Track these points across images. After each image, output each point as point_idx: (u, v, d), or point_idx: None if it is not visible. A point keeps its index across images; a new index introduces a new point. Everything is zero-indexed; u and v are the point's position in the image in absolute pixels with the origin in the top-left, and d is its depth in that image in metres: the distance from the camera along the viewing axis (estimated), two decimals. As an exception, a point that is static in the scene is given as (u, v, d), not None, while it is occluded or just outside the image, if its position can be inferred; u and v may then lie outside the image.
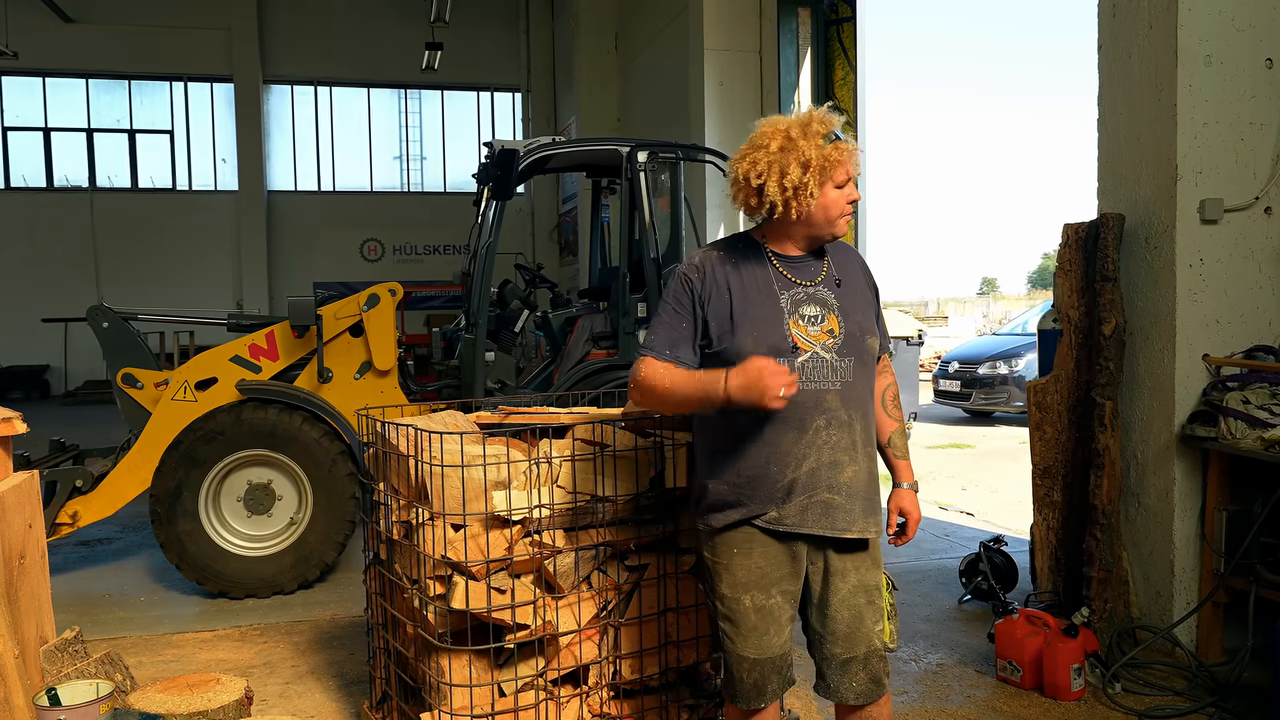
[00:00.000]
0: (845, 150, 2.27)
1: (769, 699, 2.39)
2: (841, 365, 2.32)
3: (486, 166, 6.10)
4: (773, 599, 2.35)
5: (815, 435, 2.29)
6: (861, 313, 2.39)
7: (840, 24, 8.60)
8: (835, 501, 2.30)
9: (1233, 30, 3.90)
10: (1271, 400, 3.75)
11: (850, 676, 2.37)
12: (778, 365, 2.15)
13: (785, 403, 2.15)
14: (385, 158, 18.77)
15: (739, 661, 2.38)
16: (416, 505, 2.88)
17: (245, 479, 5.19)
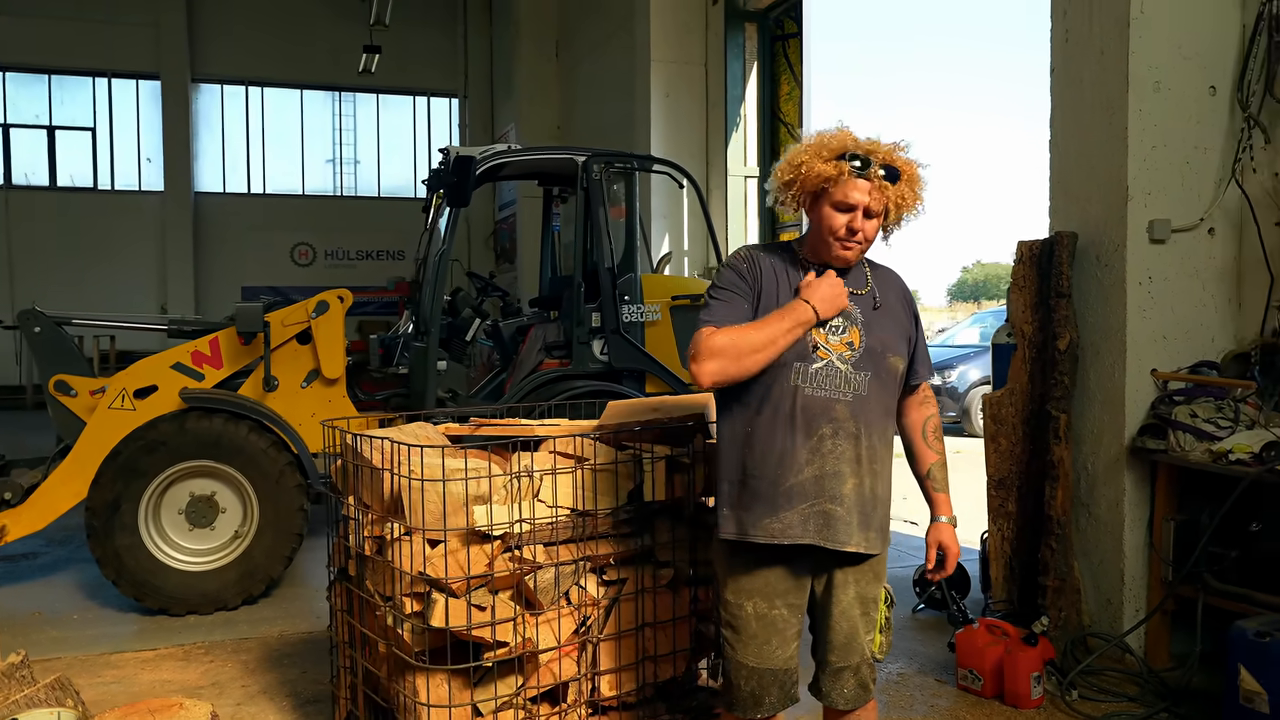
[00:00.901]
0: (848, 178, 2.26)
1: (766, 711, 2.40)
2: (856, 378, 2.33)
3: (439, 173, 6.02)
4: (776, 609, 2.37)
5: (820, 443, 2.30)
6: (889, 333, 2.40)
7: (786, 40, 8.70)
8: (836, 512, 2.31)
9: (1180, 58, 4.05)
10: (1218, 414, 3.88)
11: (841, 684, 2.43)
12: (833, 274, 2.32)
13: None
14: (318, 161, 18.39)
15: (738, 669, 2.40)
16: (390, 520, 2.81)
17: (188, 491, 5.00)
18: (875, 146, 2.30)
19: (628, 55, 9.78)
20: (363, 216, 18.14)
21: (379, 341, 6.44)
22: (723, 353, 2.27)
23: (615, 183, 5.96)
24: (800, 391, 2.31)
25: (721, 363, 2.27)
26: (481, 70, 17.57)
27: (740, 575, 2.39)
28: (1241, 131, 4.07)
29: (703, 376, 2.29)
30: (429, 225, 6.26)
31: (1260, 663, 3.20)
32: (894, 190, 2.29)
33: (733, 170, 8.96)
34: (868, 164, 2.26)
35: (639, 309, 5.78)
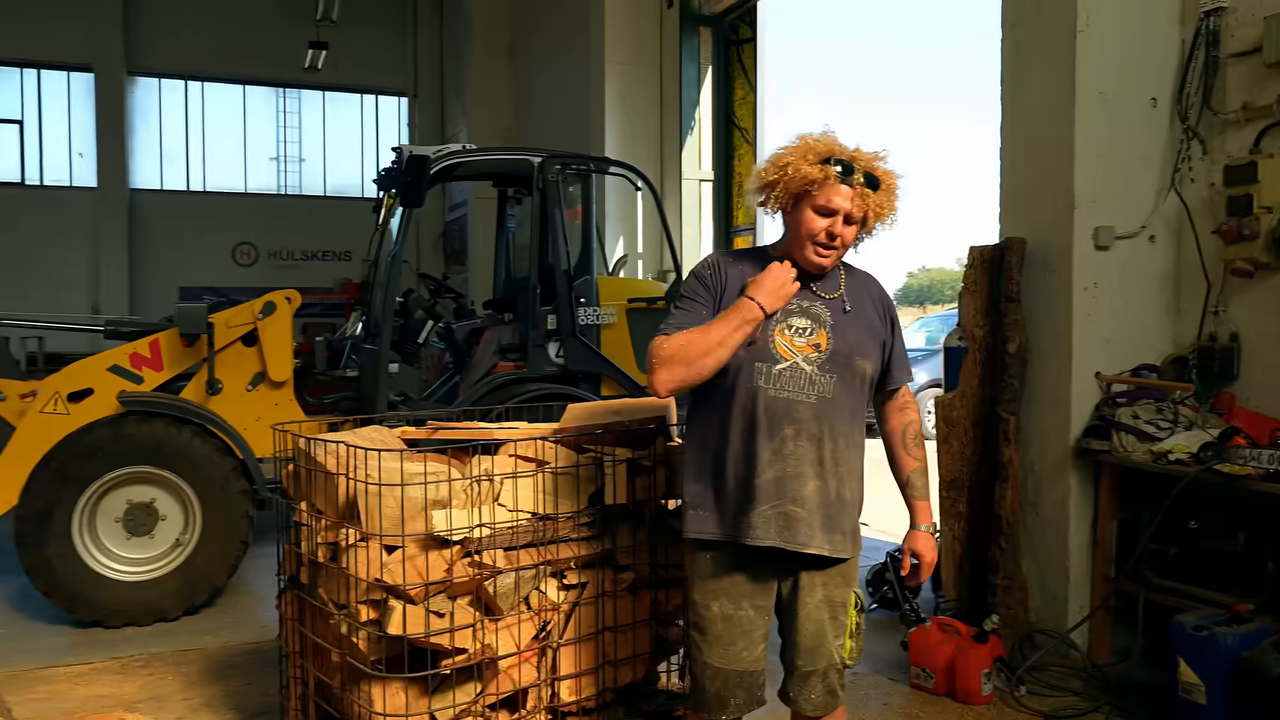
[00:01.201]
0: (832, 183, 2.28)
1: (731, 712, 2.41)
2: (821, 380, 2.34)
3: (391, 172, 5.94)
4: (743, 611, 2.38)
5: (782, 445, 2.31)
6: (858, 338, 2.40)
7: (741, 45, 8.75)
8: (797, 514, 2.32)
9: (1123, 70, 4.15)
10: (1159, 415, 3.99)
11: (809, 689, 2.42)
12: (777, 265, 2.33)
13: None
14: (261, 159, 17.99)
15: (703, 669, 2.40)
16: (345, 526, 2.76)
17: (125, 498, 4.85)
18: (858, 154, 2.33)
19: (582, 57, 9.75)
20: (308, 216, 17.78)
21: (325, 344, 6.33)
22: (673, 359, 2.29)
23: (571, 184, 5.93)
24: (763, 392, 2.32)
25: (674, 369, 2.29)
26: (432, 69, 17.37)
27: (707, 576, 2.40)
28: (1181, 142, 4.19)
29: (658, 385, 2.32)
30: (380, 225, 6.17)
31: (1199, 656, 3.30)
32: (873, 199, 2.32)
33: (687, 174, 8.98)
34: (851, 170, 2.29)
35: (595, 311, 5.76)
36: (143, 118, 17.28)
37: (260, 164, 18.06)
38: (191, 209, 17.32)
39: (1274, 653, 3.12)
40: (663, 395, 2.35)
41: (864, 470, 2.49)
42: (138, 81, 17.17)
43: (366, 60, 17.53)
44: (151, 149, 17.35)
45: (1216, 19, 4.03)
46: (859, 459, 2.44)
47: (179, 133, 17.47)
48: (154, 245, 16.92)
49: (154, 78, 17.26)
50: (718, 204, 9.13)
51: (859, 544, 2.45)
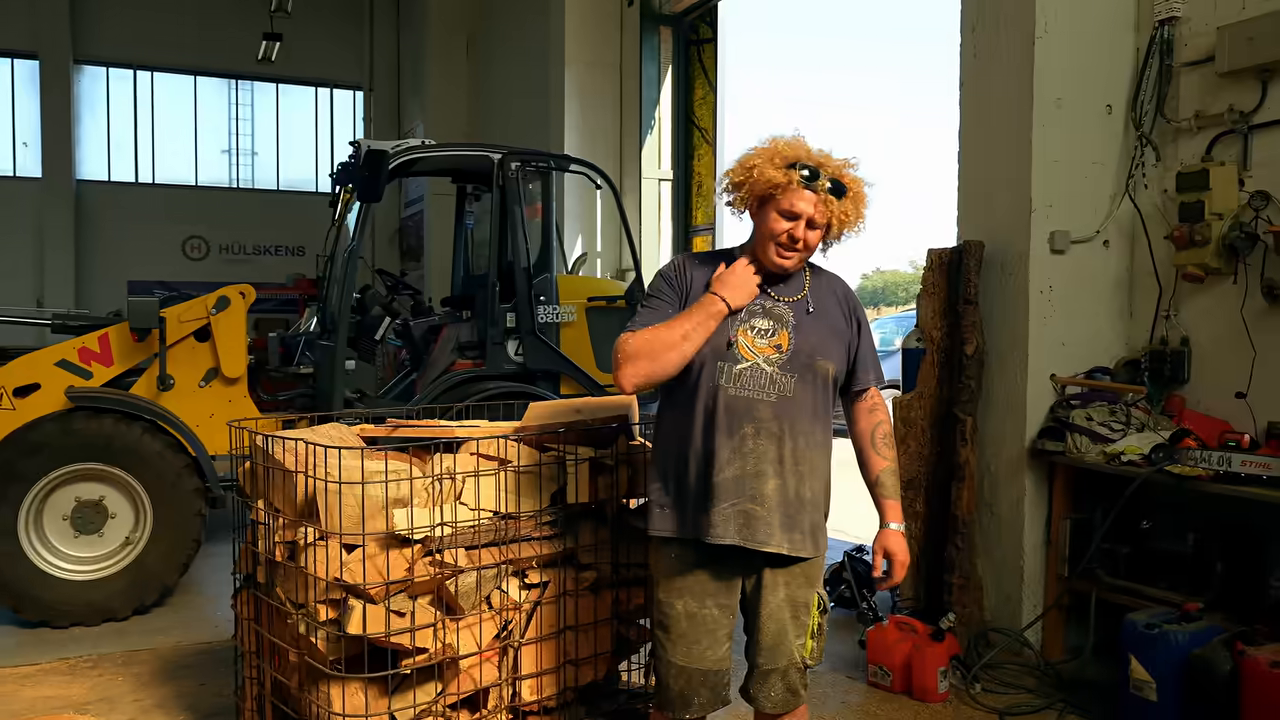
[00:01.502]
0: (796, 187, 2.28)
1: (695, 711, 2.41)
2: (782, 379, 2.35)
3: (348, 166, 5.87)
4: (706, 609, 2.38)
5: (742, 443, 2.32)
6: (821, 339, 2.41)
7: (701, 44, 8.77)
8: (756, 512, 2.32)
9: (1080, 77, 4.22)
10: (1111, 417, 4.07)
11: (769, 687, 2.43)
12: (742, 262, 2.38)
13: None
14: (213, 151, 17.66)
15: (667, 667, 2.41)
16: (304, 524, 2.71)
17: (73, 495, 4.74)
18: (826, 160, 2.33)
19: (542, 54, 9.71)
20: (260, 210, 17.49)
21: (279, 340, 6.23)
22: (638, 354, 2.31)
23: (531, 182, 5.90)
24: (723, 391, 2.33)
25: (638, 364, 2.31)
26: (388, 63, 17.18)
27: (671, 574, 2.41)
28: (1135, 149, 4.28)
29: (624, 381, 2.33)
30: (336, 220, 6.09)
31: (1150, 653, 3.36)
32: (838, 205, 2.32)
33: (646, 173, 8.98)
34: (816, 175, 2.29)
35: (555, 310, 5.74)
36: (90, 107, 16.88)
37: (212, 156, 17.72)
38: (140, 201, 16.96)
39: (1223, 650, 3.18)
40: (628, 391, 2.36)
41: (829, 470, 2.49)
42: (84, 70, 16.76)
43: (321, 53, 17.28)
44: (99, 139, 16.96)
45: (1170, 28, 4.12)
46: (822, 459, 2.44)
47: (127, 123, 17.09)
48: (101, 238, 16.54)
49: (102, 66, 16.87)
50: (677, 203, 9.14)
51: (823, 544, 2.45)
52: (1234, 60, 3.82)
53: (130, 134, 17.12)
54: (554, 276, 5.87)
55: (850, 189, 2.33)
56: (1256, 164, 3.85)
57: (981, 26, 4.41)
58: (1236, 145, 3.91)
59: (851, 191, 2.33)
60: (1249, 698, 3.08)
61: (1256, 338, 3.86)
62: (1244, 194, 3.86)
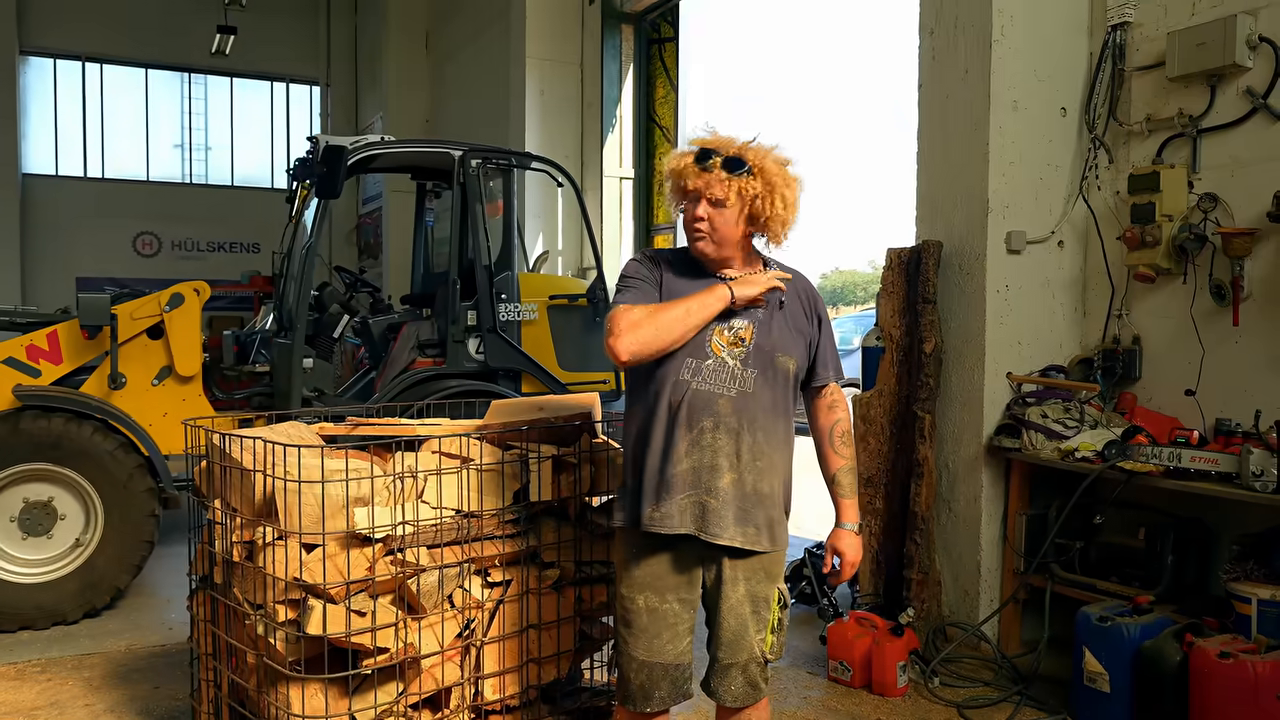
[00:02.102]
0: (689, 169, 2.36)
1: (655, 705, 2.43)
2: (743, 374, 2.38)
3: (305, 162, 5.79)
4: (667, 603, 2.41)
5: (700, 436, 2.35)
6: (783, 334, 2.44)
7: (663, 43, 8.78)
8: (710, 505, 2.35)
9: (1035, 80, 4.29)
10: (1065, 415, 4.14)
11: (729, 680, 2.45)
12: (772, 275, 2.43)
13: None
14: (165, 146, 17.32)
15: (629, 661, 2.43)
16: (262, 524, 2.67)
17: (21, 496, 4.62)
18: (724, 142, 2.37)
19: (502, 51, 9.65)
20: (214, 206, 17.19)
21: (233, 338, 6.14)
22: (641, 323, 2.32)
23: (492, 179, 5.86)
24: (686, 385, 2.36)
25: (639, 334, 2.31)
26: (345, 57, 16.96)
27: (633, 568, 2.43)
28: (1088, 151, 4.36)
29: (620, 350, 2.32)
30: (294, 217, 6.00)
31: (1102, 646, 3.43)
32: (742, 182, 2.33)
33: (608, 171, 8.96)
34: (707, 155, 2.34)
35: (516, 308, 5.71)
36: (36, 99, 16.48)
37: (164, 151, 17.39)
38: (89, 196, 16.58)
39: (1173, 642, 3.26)
40: (624, 360, 2.33)
41: (790, 466, 2.51)
42: (30, 61, 16.36)
43: (277, 47, 17.03)
44: (45, 133, 16.56)
45: (1123, 33, 4.20)
46: (782, 455, 2.45)
47: (75, 117, 16.71)
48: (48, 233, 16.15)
49: (49, 58, 16.48)
50: (638, 202, 9.14)
51: (782, 538, 2.46)
52: (1184, 65, 3.90)
53: (79, 127, 16.74)
54: (515, 274, 5.84)
55: (753, 163, 2.34)
56: (1205, 167, 3.95)
57: (939, 29, 4.47)
58: (1186, 148, 4.00)
59: (757, 166, 2.34)
60: (1197, 688, 3.15)
61: (1205, 336, 3.95)
62: (1193, 196, 3.95)
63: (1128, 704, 3.36)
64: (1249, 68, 3.77)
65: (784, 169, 2.39)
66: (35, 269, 16.00)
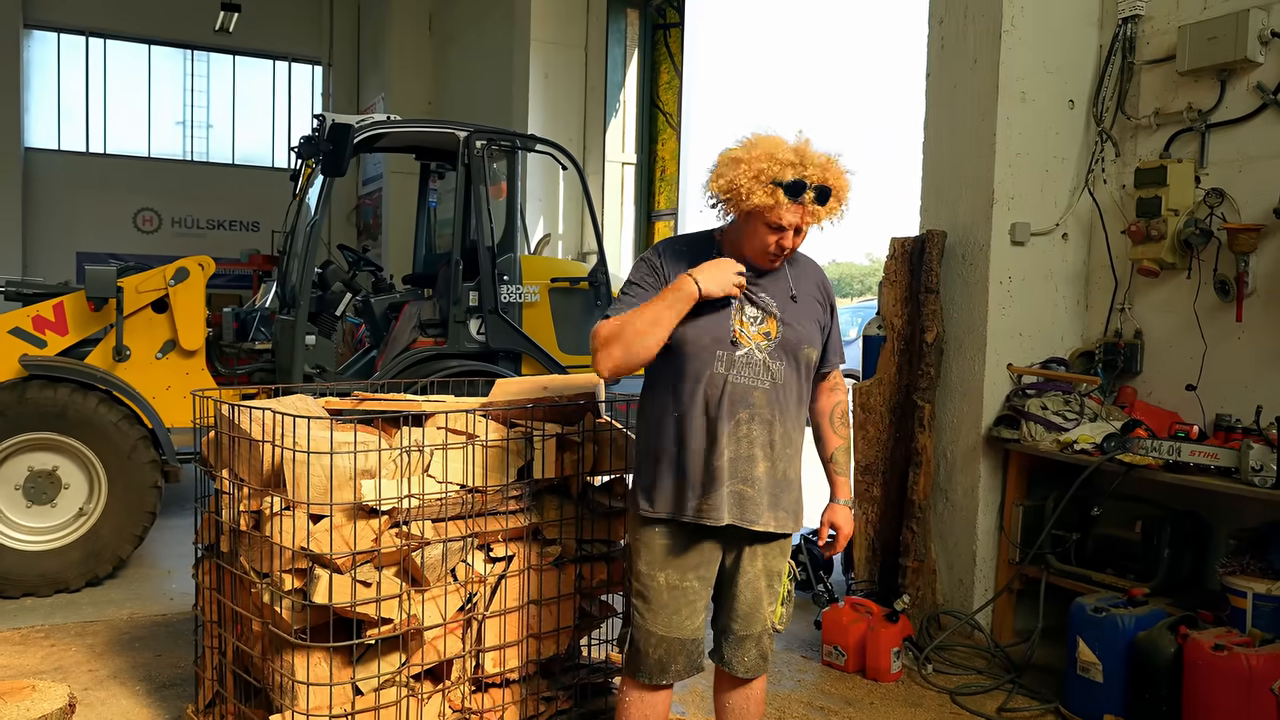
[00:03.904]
0: (782, 207, 2.30)
1: (671, 678, 2.48)
2: (774, 367, 2.43)
3: (310, 140, 5.79)
4: (688, 580, 2.46)
5: (738, 428, 2.39)
6: (803, 325, 2.48)
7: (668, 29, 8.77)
8: (748, 493, 2.40)
9: (1044, 71, 4.30)
10: (1065, 407, 4.17)
11: (744, 652, 2.53)
12: (730, 260, 2.39)
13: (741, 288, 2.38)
14: (167, 122, 17.27)
15: (647, 637, 2.46)
16: (270, 494, 2.69)
17: (26, 465, 4.65)
18: (808, 164, 2.30)
19: (506, 33, 9.63)
20: (215, 184, 17.17)
21: (233, 315, 6.15)
22: (611, 340, 2.35)
23: (496, 161, 5.87)
24: (725, 378, 2.39)
25: (612, 350, 2.34)
26: (348, 37, 16.91)
27: (655, 548, 2.46)
28: (1095, 144, 4.37)
29: (600, 368, 2.39)
30: (298, 194, 6.00)
31: (1097, 636, 3.46)
32: (827, 208, 2.36)
33: (610, 156, 8.97)
34: (801, 190, 2.30)
35: (518, 289, 5.72)
36: (40, 74, 16.43)
37: (165, 128, 17.35)
38: (91, 171, 16.56)
39: (1167, 634, 3.28)
40: (606, 378, 2.44)
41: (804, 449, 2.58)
42: (34, 35, 16.31)
43: (280, 25, 16.98)
44: (48, 107, 16.51)
45: (1133, 25, 4.21)
46: (801, 440, 2.55)
47: (79, 91, 16.65)
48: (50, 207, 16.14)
49: (53, 32, 16.43)
50: (640, 187, 9.14)
51: (800, 520, 2.54)
52: (1194, 59, 3.91)
53: (82, 102, 16.69)
54: (518, 256, 5.86)
55: (834, 189, 2.34)
56: (1213, 162, 3.96)
57: (949, 18, 4.47)
58: (1194, 143, 4.02)
59: (838, 189, 2.36)
60: (1191, 680, 3.18)
61: (1208, 332, 3.97)
62: (1200, 191, 3.97)
63: (1121, 694, 3.39)
64: (1260, 63, 3.78)
65: (847, 182, 2.38)
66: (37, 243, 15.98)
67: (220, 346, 5.83)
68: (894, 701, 3.68)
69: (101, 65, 16.84)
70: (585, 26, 9.07)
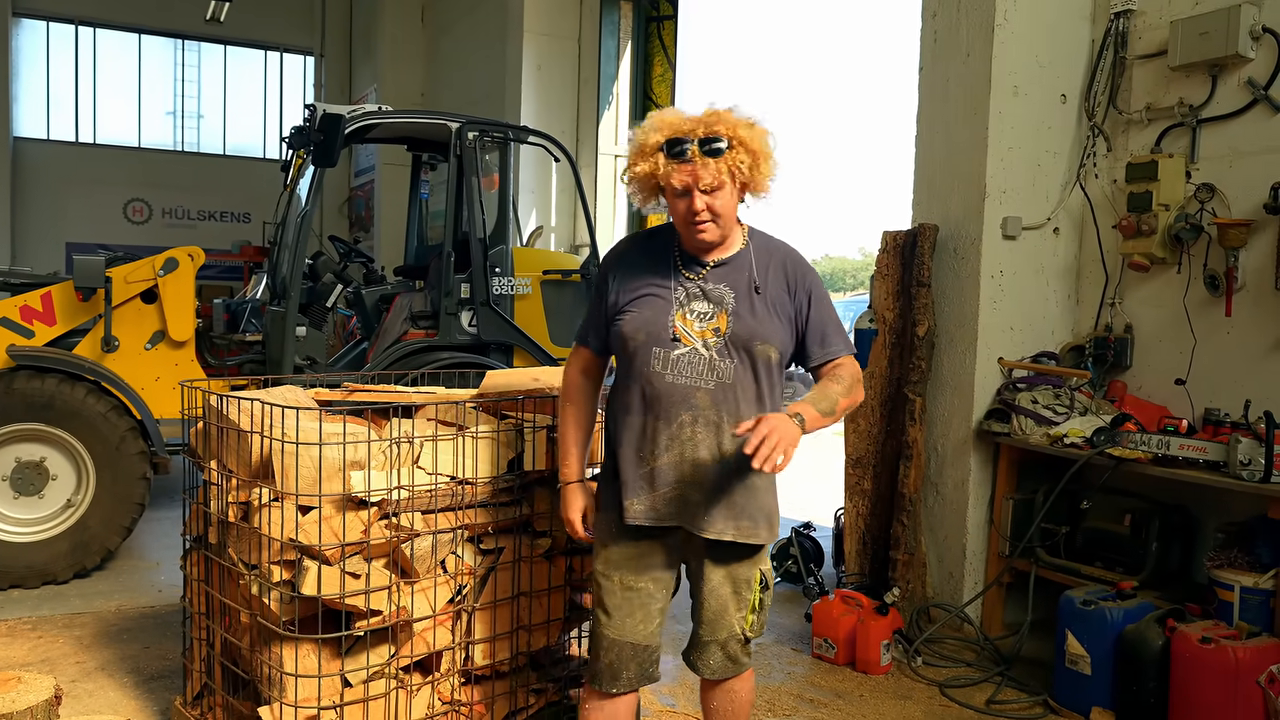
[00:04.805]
0: (670, 168, 2.20)
1: (622, 686, 2.38)
2: (721, 365, 2.28)
3: (301, 130, 5.76)
4: (643, 583, 2.38)
5: (679, 430, 2.28)
6: (759, 319, 2.30)
7: (661, 21, 8.74)
8: (694, 499, 2.30)
9: (1036, 66, 4.30)
10: (1056, 401, 4.18)
11: (708, 655, 2.44)
12: (577, 515, 2.50)
13: (586, 537, 2.49)
14: (157, 112, 17.16)
15: (599, 640, 2.40)
16: (258, 485, 2.67)
17: (13, 456, 4.63)
18: (685, 123, 2.21)
19: (499, 24, 9.59)
20: (205, 174, 17.07)
21: (224, 306, 6.13)
22: (559, 402, 2.59)
23: (488, 152, 5.85)
24: (660, 378, 2.28)
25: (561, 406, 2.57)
26: (340, 28, 16.82)
27: (611, 548, 2.40)
28: (1087, 139, 4.37)
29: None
30: (289, 185, 5.98)
31: (1085, 629, 3.48)
32: (730, 158, 2.18)
33: (603, 149, 8.94)
34: (680, 147, 2.18)
35: (509, 282, 5.71)
36: (29, 62, 16.31)
37: (156, 118, 17.24)
38: (80, 161, 16.45)
39: (1155, 627, 3.30)
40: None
41: None
42: (23, 23, 16.18)
43: (271, 16, 16.87)
44: (37, 96, 16.39)
45: (1125, 20, 4.21)
46: None
47: (68, 81, 16.54)
48: (39, 197, 16.04)
49: (42, 20, 16.30)
50: (633, 180, 9.10)
51: (772, 527, 2.38)
52: (1186, 54, 3.91)
53: (71, 91, 16.58)
54: (509, 248, 5.84)
55: (731, 136, 2.18)
56: (1203, 157, 3.97)
57: (942, 12, 4.47)
58: (1185, 138, 4.02)
59: (735, 139, 2.19)
60: (1179, 672, 3.20)
61: (1197, 326, 3.98)
62: (1190, 186, 3.98)
63: (1108, 686, 3.41)
64: (1251, 58, 3.79)
65: (755, 129, 2.23)
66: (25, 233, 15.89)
67: (210, 338, 5.81)
68: (884, 694, 3.69)
69: (91, 54, 16.72)
70: (578, 18, 9.04)
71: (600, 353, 2.49)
